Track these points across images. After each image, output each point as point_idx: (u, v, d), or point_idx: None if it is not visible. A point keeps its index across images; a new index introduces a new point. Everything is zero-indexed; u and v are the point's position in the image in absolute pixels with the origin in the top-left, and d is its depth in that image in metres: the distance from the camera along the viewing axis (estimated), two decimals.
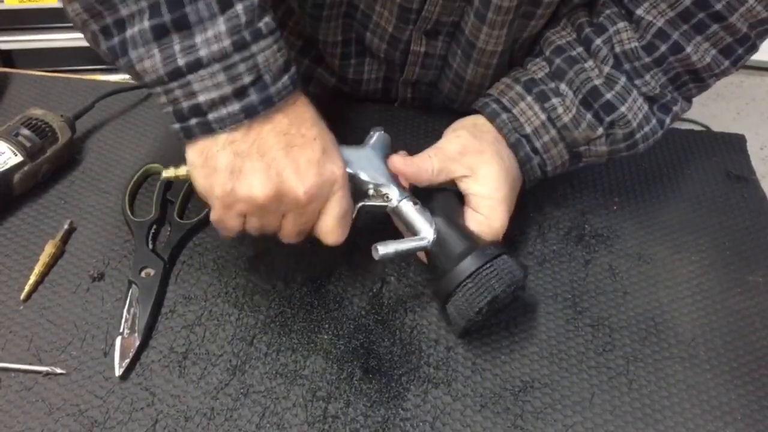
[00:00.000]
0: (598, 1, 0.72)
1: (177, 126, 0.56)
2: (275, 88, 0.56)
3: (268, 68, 0.55)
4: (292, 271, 0.67)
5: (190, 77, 0.54)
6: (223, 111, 0.55)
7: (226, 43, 0.53)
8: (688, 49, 0.67)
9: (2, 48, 1.77)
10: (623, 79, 0.68)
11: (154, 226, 0.69)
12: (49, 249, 0.66)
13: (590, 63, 0.69)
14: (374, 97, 0.87)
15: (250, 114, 0.55)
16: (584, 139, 0.69)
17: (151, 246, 0.67)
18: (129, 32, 0.54)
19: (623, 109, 0.68)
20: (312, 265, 0.67)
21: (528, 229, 0.73)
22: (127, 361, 0.59)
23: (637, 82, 0.69)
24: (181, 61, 0.53)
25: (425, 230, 0.61)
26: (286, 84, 0.56)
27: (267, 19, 0.56)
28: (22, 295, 0.63)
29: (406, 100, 0.86)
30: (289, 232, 0.59)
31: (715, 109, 2.23)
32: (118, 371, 0.58)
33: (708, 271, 0.71)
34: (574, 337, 0.64)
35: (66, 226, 0.69)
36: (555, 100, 0.69)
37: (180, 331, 0.62)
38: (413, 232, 0.62)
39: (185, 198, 0.73)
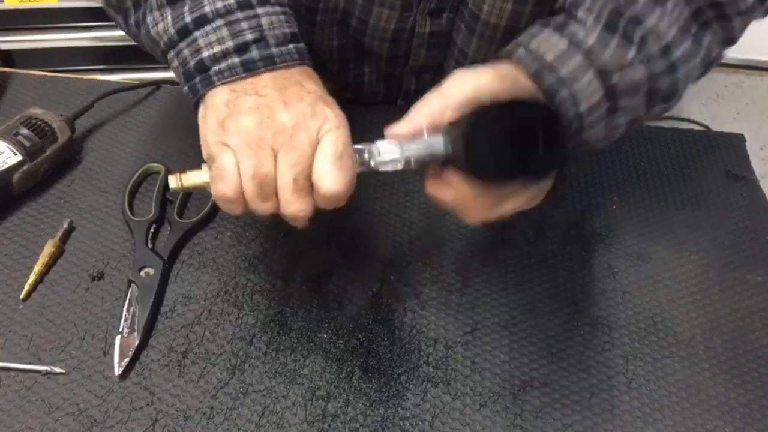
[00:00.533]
0: None
1: (186, 88, 0.58)
2: (278, 50, 0.57)
3: (272, 31, 0.57)
4: (292, 271, 0.67)
5: (196, 33, 0.57)
6: (224, 64, 0.56)
7: (231, 1, 0.57)
8: None
9: (2, 48, 1.76)
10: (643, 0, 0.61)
11: (154, 226, 0.69)
12: (48, 248, 0.66)
13: None
14: (376, 100, 0.87)
15: (249, 68, 0.56)
16: (616, 65, 0.61)
17: (150, 245, 0.67)
18: (149, 1, 0.59)
19: (654, 18, 0.61)
20: (311, 265, 0.67)
21: (527, 228, 0.73)
22: (127, 360, 0.59)
23: (660, 8, 0.62)
24: (188, 18, 0.57)
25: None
26: (291, 51, 0.57)
27: None
28: (22, 295, 0.63)
29: (409, 93, 0.86)
30: (285, 177, 0.54)
31: (715, 109, 2.23)
32: (117, 370, 0.58)
33: (707, 270, 0.71)
34: (574, 336, 0.64)
35: (65, 226, 0.69)
36: (575, 26, 0.62)
37: (179, 330, 0.62)
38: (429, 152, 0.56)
39: (185, 197, 0.73)
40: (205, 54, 0.56)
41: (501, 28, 0.73)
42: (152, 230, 0.68)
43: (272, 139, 0.53)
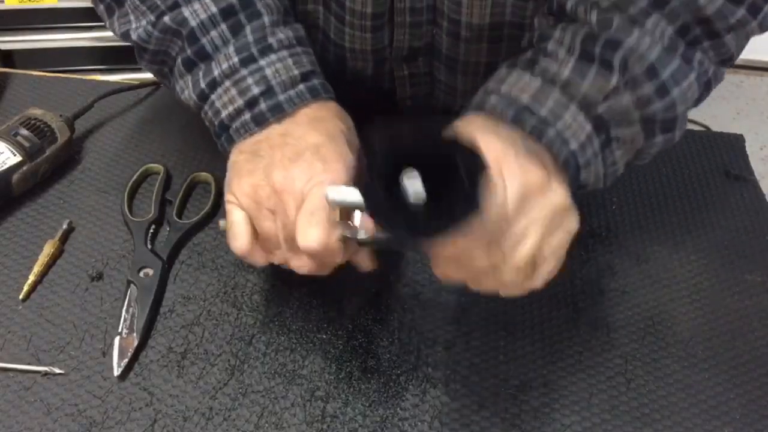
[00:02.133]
0: None
1: (219, 146, 0.62)
2: (285, 95, 0.59)
3: (278, 79, 0.59)
4: (291, 271, 0.67)
5: (212, 97, 0.61)
6: (239, 122, 0.59)
7: (235, 60, 0.60)
8: None
9: (2, 48, 1.76)
10: (617, 19, 0.56)
11: (153, 226, 0.69)
12: (47, 249, 0.66)
13: (573, 24, 0.59)
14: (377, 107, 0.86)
15: (259, 122, 0.59)
16: (599, 94, 0.56)
17: (149, 246, 0.67)
18: (170, 63, 0.64)
19: (631, 40, 0.55)
20: None
21: None
22: (126, 360, 0.59)
23: (637, 29, 0.57)
24: (203, 83, 0.61)
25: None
26: (302, 92, 0.59)
27: (281, 35, 0.61)
28: (21, 295, 0.63)
29: (407, 111, 0.86)
30: (279, 237, 0.56)
31: (715, 109, 2.23)
32: (116, 371, 0.58)
33: (706, 270, 0.70)
34: (573, 337, 0.64)
35: (65, 226, 0.69)
36: (545, 61, 0.58)
37: (179, 330, 0.62)
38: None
39: (184, 198, 0.73)
40: (224, 114, 0.60)
41: (482, 65, 0.73)
42: (151, 231, 0.68)
43: (266, 202, 0.55)
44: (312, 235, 0.52)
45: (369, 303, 0.65)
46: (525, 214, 0.51)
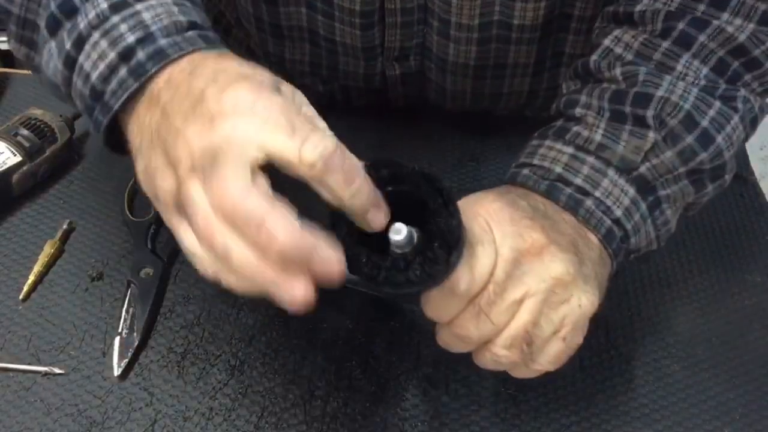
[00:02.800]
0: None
1: (91, 127, 0.49)
2: (169, 40, 0.46)
3: (160, 24, 0.46)
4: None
5: (80, 58, 0.48)
6: (114, 82, 0.46)
7: (104, 5, 0.47)
8: (717, 22, 0.53)
9: (2, 48, 1.76)
10: (645, 69, 0.54)
11: (153, 226, 0.69)
12: (48, 249, 0.66)
13: (600, 83, 0.57)
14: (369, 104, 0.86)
15: (138, 74, 0.45)
16: (637, 153, 0.52)
17: (150, 246, 0.67)
18: (37, 38, 0.52)
19: (661, 92, 0.52)
20: None
21: None
22: (126, 361, 0.59)
23: (668, 75, 0.54)
24: (68, 43, 0.48)
25: None
26: (190, 37, 0.46)
27: None
28: (21, 295, 0.63)
29: (400, 106, 0.86)
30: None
31: None
32: (116, 371, 0.58)
33: (706, 270, 0.70)
34: None
35: (65, 226, 0.69)
36: (576, 128, 0.55)
37: (179, 331, 0.62)
38: None
39: None
40: (94, 77, 0.47)
41: (471, 67, 0.73)
42: (152, 231, 0.68)
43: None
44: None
45: (369, 303, 0.65)
46: (519, 282, 0.46)
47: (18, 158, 0.70)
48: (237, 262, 0.39)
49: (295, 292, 0.39)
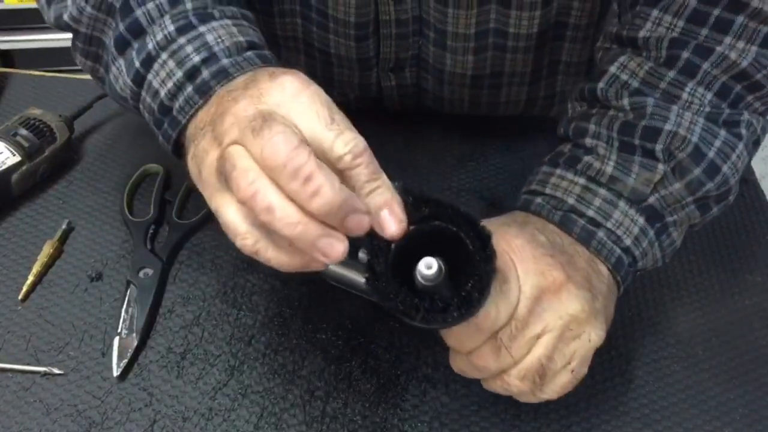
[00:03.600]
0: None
1: (160, 138, 0.52)
2: (231, 60, 0.50)
3: (222, 45, 0.50)
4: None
5: (149, 76, 0.52)
6: (181, 99, 0.50)
7: (171, 29, 0.51)
8: (720, 49, 0.55)
9: (2, 48, 1.77)
10: (652, 100, 0.56)
11: (153, 226, 0.69)
12: (47, 249, 0.66)
13: (608, 110, 0.58)
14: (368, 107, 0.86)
15: (203, 92, 0.49)
16: (647, 185, 0.54)
17: (149, 246, 0.67)
18: (105, 57, 0.55)
19: (669, 126, 0.54)
20: None
21: None
22: (125, 361, 0.59)
23: (675, 104, 0.55)
24: (137, 62, 0.52)
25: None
26: (250, 57, 0.50)
27: (224, 7, 0.53)
28: (20, 296, 0.63)
29: (397, 112, 0.86)
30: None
31: None
32: (116, 371, 0.58)
33: (707, 270, 0.70)
34: None
35: (64, 226, 0.69)
36: (587, 158, 0.56)
37: (178, 331, 0.62)
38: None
39: (184, 198, 0.73)
40: (162, 94, 0.51)
41: (468, 77, 0.73)
42: (151, 231, 0.68)
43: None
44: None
45: (369, 303, 0.65)
46: (539, 318, 0.49)
47: (17, 158, 0.70)
48: (280, 218, 0.39)
49: (337, 247, 0.40)
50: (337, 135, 0.41)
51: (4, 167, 0.69)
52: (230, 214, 0.43)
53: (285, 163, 0.38)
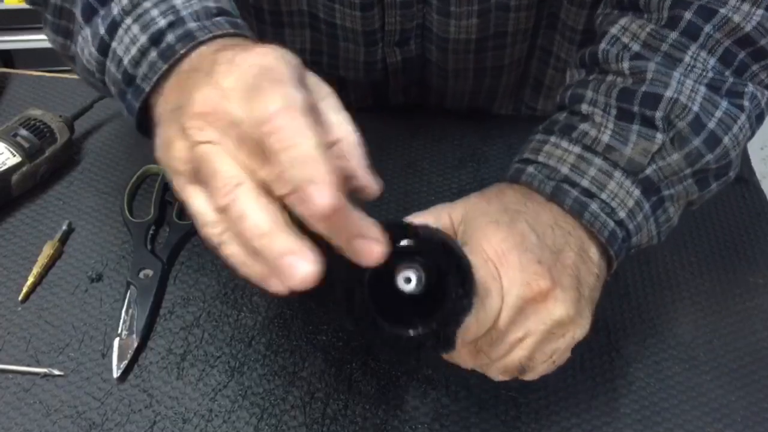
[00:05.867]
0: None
1: (125, 112, 0.49)
2: (199, 24, 0.47)
3: (190, 9, 0.47)
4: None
5: (113, 44, 0.49)
6: (145, 65, 0.47)
7: None
8: (723, 11, 0.52)
9: (2, 48, 1.77)
10: (653, 65, 0.53)
11: (153, 227, 0.69)
12: (47, 250, 0.66)
13: (606, 75, 0.56)
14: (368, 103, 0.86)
15: (167, 56, 0.46)
16: (644, 155, 0.52)
17: (149, 247, 0.67)
18: (73, 27, 0.53)
19: (669, 93, 0.52)
20: None
21: None
22: (125, 362, 0.59)
23: (677, 69, 0.53)
24: (102, 29, 0.49)
25: None
26: (218, 22, 0.47)
27: None
28: (20, 296, 0.63)
29: (399, 105, 0.86)
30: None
31: None
32: (116, 373, 0.58)
33: (708, 272, 0.70)
34: None
35: (64, 227, 0.68)
36: (583, 126, 0.54)
37: (178, 332, 0.62)
38: None
39: None
40: (126, 61, 0.48)
41: (473, 41, 0.72)
42: (151, 232, 0.68)
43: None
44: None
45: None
46: (520, 325, 0.47)
47: (17, 159, 0.69)
48: (249, 228, 0.36)
49: (298, 269, 0.35)
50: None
51: (4, 168, 0.69)
52: (199, 204, 0.39)
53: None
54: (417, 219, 0.49)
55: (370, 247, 0.37)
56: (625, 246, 0.53)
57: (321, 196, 0.34)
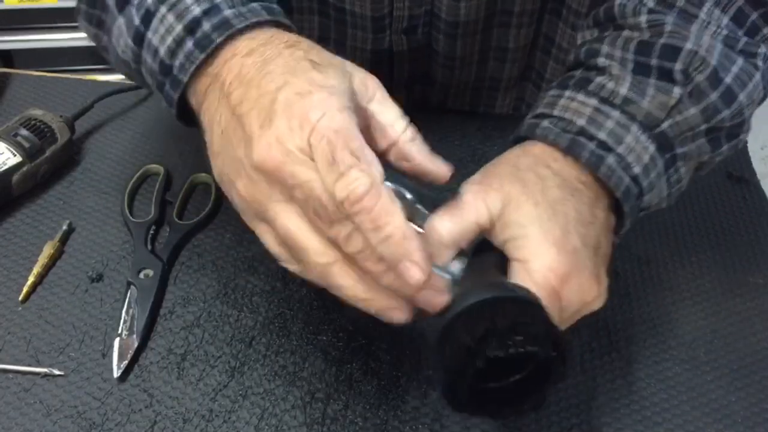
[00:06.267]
0: None
1: (163, 103, 0.50)
2: (234, 11, 0.46)
3: None
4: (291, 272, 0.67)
5: (148, 34, 0.49)
6: (181, 55, 0.47)
7: None
8: None
9: (2, 48, 1.76)
10: (671, 19, 0.52)
11: (153, 227, 0.69)
12: (47, 250, 0.66)
13: (622, 30, 0.55)
14: None
15: (204, 46, 0.46)
16: (661, 109, 0.51)
17: (150, 247, 0.67)
18: (108, 22, 0.53)
19: (689, 45, 0.51)
20: None
21: None
22: (126, 362, 0.59)
23: (693, 24, 0.52)
24: (137, 19, 0.49)
25: None
26: (254, 8, 0.47)
27: None
28: (21, 296, 0.63)
29: (402, 105, 0.86)
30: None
31: None
32: (116, 373, 0.58)
33: (708, 272, 0.70)
34: (574, 339, 0.64)
35: (65, 227, 0.68)
36: (599, 79, 0.53)
37: (179, 332, 0.62)
38: None
39: (184, 199, 0.72)
40: (162, 51, 0.47)
41: (481, 20, 0.72)
42: (152, 232, 0.68)
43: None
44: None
45: None
46: (564, 324, 0.48)
47: (18, 159, 0.69)
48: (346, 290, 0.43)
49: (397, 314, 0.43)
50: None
51: (4, 168, 0.69)
52: (270, 241, 0.44)
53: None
54: (460, 213, 0.49)
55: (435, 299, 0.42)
56: (637, 204, 0.52)
57: (415, 273, 0.40)
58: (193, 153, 0.77)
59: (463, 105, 0.84)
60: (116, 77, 0.98)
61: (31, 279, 0.64)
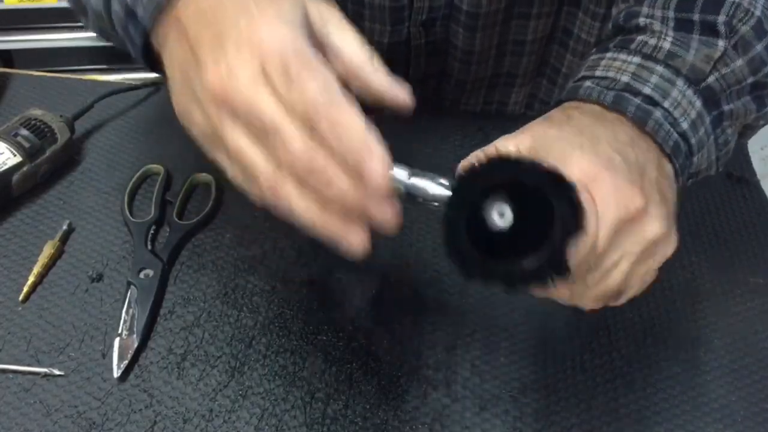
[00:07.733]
0: None
1: (129, 48, 0.49)
2: None
3: None
4: (291, 273, 0.67)
5: None
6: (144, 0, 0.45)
7: None
8: None
9: (2, 48, 1.76)
10: None
11: (153, 227, 0.69)
12: (47, 250, 0.66)
13: None
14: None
15: None
16: (706, 62, 0.50)
17: (150, 247, 0.67)
18: None
19: None
20: (311, 266, 0.67)
21: None
22: (126, 362, 0.59)
23: None
24: None
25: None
26: None
27: None
28: (21, 296, 0.63)
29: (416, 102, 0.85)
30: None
31: None
32: (116, 373, 0.58)
33: (708, 272, 0.70)
34: (574, 339, 0.64)
35: (65, 227, 0.68)
36: (641, 37, 0.52)
37: (179, 332, 0.62)
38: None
39: (184, 199, 0.72)
40: None
41: (501, 11, 0.72)
42: (152, 232, 0.68)
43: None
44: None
45: (370, 304, 0.65)
46: (617, 247, 0.45)
47: (18, 159, 0.69)
48: (299, 216, 0.40)
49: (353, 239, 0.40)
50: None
51: (4, 168, 0.69)
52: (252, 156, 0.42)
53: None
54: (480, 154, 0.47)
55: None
56: (687, 164, 0.51)
57: (377, 166, 0.40)
58: (193, 153, 0.77)
59: (477, 102, 0.84)
60: (116, 77, 0.98)
61: (31, 279, 0.64)
